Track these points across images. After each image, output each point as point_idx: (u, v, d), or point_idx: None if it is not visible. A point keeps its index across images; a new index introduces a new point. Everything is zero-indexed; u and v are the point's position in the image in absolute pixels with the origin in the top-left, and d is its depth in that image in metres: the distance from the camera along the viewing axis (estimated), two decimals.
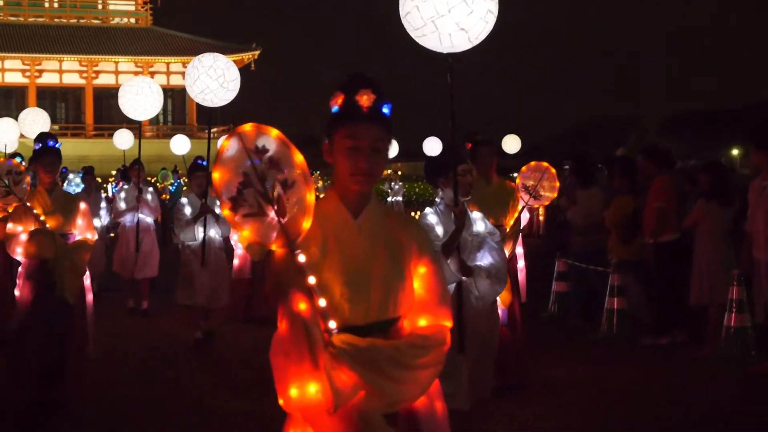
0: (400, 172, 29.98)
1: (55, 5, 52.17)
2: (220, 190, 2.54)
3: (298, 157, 2.55)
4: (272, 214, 2.54)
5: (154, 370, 8.08)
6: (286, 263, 2.58)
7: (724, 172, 9.10)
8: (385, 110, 2.64)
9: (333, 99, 2.65)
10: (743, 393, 7.10)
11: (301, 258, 2.54)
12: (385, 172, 41.06)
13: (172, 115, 50.22)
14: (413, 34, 4.75)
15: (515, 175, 9.03)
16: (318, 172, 28.51)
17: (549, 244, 14.30)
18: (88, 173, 13.14)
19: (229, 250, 10.08)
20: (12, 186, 6.59)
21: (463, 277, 4.99)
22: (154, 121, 53.05)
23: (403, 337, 2.63)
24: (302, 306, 2.53)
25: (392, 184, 24.69)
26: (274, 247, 2.60)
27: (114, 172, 26.12)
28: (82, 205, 6.61)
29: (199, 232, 8.72)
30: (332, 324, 2.52)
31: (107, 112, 52.13)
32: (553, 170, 6.94)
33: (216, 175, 2.54)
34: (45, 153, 6.53)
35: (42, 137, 6.62)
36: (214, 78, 8.39)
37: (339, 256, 2.62)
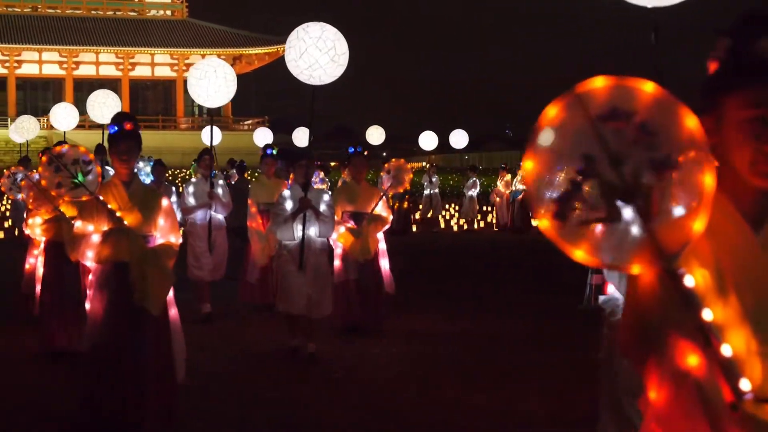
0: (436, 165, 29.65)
1: None
2: (536, 186, 1.59)
3: (690, 122, 1.58)
4: (631, 216, 1.56)
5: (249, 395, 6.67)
6: (660, 292, 1.70)
7: None
8: None
9: (715, 50, 1.78)
10: None
11: (689, 281, 1.61)
12: (418, 165, 40.34)
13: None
14: None
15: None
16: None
17: None
18: (158, 164, 11.52)
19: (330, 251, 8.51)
20: (83, 176, 5.67)
21: None
22: (189, 112, 53.47)
23: None
24: (693, 360, 1.68)
25: (431, 177, 24.21)
26: (635, 269, 1.63)
27: None
28: (165, 203, 5.42)
29: (298, 231, 7.51)
30: (745, 384, 1.62)
31: (143, 103, 52.73)
32: None
33: (529, 165, 1.59)
34: (122, 137, 5.27)
35: (119, 119, 5.38)
36: (324, 51, 7.17)
37: (741, 287, 1.73)
